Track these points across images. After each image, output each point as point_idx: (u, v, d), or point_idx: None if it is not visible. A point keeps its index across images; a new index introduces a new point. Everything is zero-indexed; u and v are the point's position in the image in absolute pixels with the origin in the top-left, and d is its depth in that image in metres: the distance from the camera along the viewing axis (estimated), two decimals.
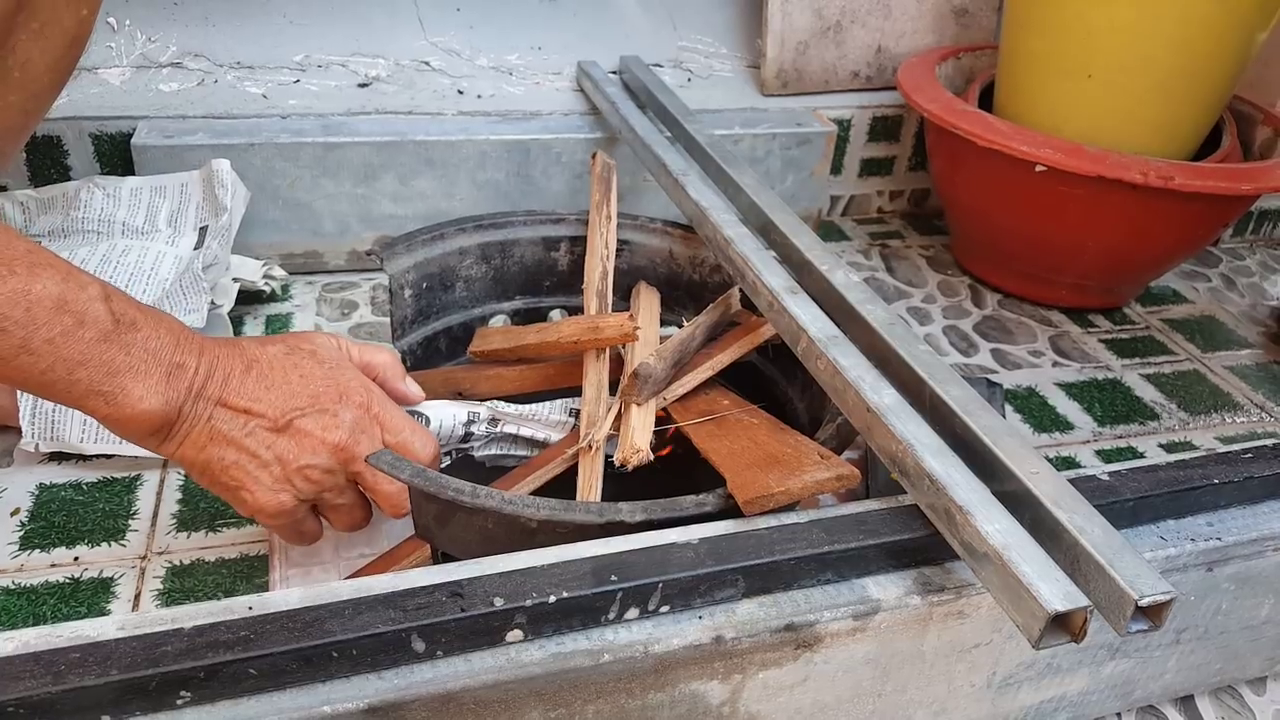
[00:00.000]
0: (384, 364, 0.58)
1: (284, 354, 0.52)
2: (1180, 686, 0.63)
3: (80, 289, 0.44)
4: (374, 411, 0.53)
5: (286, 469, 0.51)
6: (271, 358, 0.52)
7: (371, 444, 0.53)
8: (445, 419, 0.62)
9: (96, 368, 0.45)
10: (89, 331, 0.44)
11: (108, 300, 0.45)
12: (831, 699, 0.51)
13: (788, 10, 1.14)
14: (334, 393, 0.52)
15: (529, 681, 0.43)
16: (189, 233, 0.89)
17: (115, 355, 0.45)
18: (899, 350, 0.55)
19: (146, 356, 0.46)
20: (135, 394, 0.46)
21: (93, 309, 0.44)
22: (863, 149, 1.22)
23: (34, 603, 0.62)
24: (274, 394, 0.50)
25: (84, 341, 0.44)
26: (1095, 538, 0.42)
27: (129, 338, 0.46)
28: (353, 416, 0.52)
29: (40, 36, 0.64)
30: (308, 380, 0.51)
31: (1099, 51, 0.95)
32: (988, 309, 1.09)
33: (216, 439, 0.50)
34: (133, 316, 0.46)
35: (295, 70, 1.06)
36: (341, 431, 0.51)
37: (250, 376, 0.50)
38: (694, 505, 0.50)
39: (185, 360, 0.48)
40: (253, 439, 0.50)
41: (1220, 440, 0.89)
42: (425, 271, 0.76)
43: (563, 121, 1.05)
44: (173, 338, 0.48)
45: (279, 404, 0.50)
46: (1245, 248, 1.29)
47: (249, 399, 0.50)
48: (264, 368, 0.51)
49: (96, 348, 0.45)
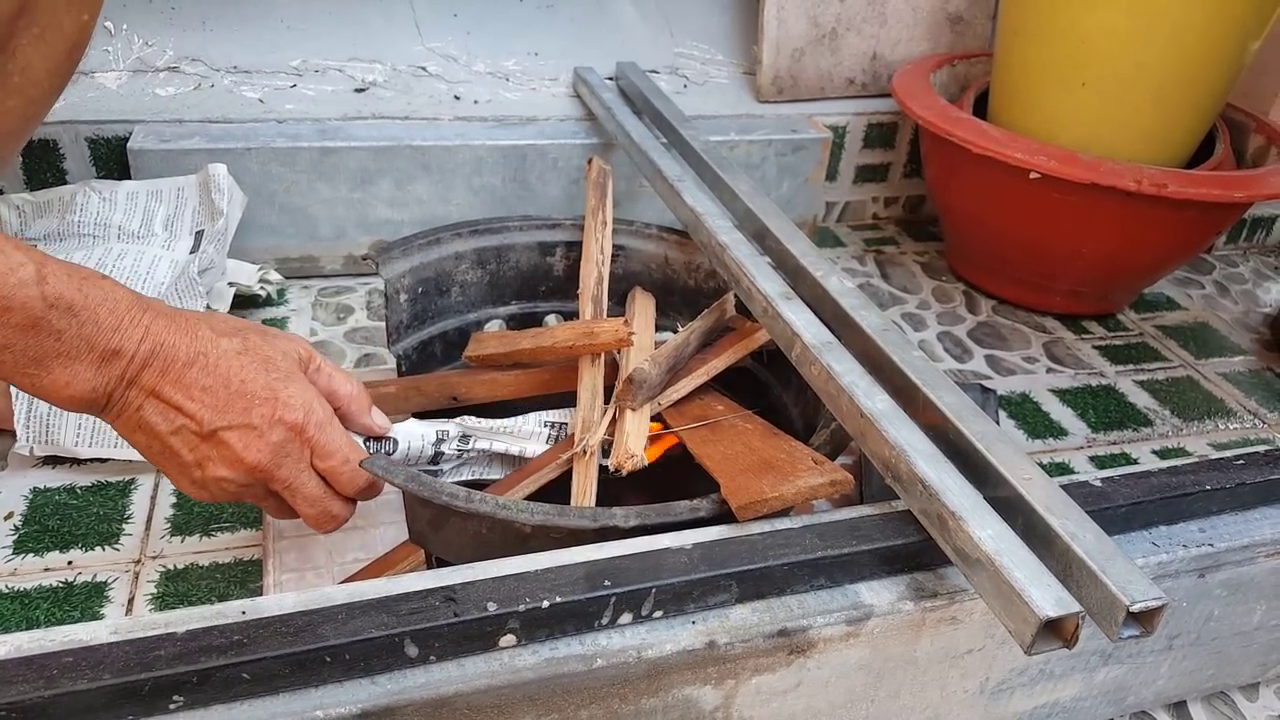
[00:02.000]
0: (348, 395, 0.56)
1: (235, 353, 0.50)
2: (1173, 692, 0.63)
3: (10, 271, 0.42)
4: (307, 435, 0.51)
5: (204, 474, 0.50)
6: (220, 354, 0.49)
7: (295, 467, 0.52)
8: (413, 440, 0.60)
9: (21, 352, 0.44)
10: (15, 317, 0.42)
11: (41, 283, 0.43)
12: (825, 705, 0.51)
13: (783, 17, 1.14)
14: (268, 408, 0.50)
15: (522, 687, 0.43)
16: (185, 237, 0.89)
17: (43, 342, 0.44)
18: (892, 356, 0.56)
19: (79, 342, 0.45)
20: (62, 379, 0.45)
21: (20, 294, 0.42)
22: (858, 155, 1.23)
23: (27, 607, 0.62)
24: (208, 397, 0.48)
25: (8, 326, 0.43)
26: (1087, 544, 0.42)
27: (62, 323, 0.44)
28: (280, 438, 0.50)
29: (41, 41, 0.64)
30: (246, 388, 0.49)
31: (1093, 59, 0.95)
32: (982, 315, 1.09)
33: (144, 427, 0.49)
34: (69, 299, 0.44)
35: (292, 75, 1.06)
36: (263, 454, 0.50)
37: (191, 371, 0.48)
38: (688, 510, 0.51)
39: (124, 345, 0.46)
40: (177, 438, 0.49)
41: (1213, 446, 0.90)
42: (421, 276, 0.76)
43: (559, 127, 1.06)
44: (114, 319, 0.46)
45: (209, 410, 0.48)
46: (1239, 255, 1.30)
47: (183, 395, 0.48)
48: (208, 364, 0.49)
49: (22, 334, 0.43)
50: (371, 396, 0.58)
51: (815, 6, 1.15)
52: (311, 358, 0.55)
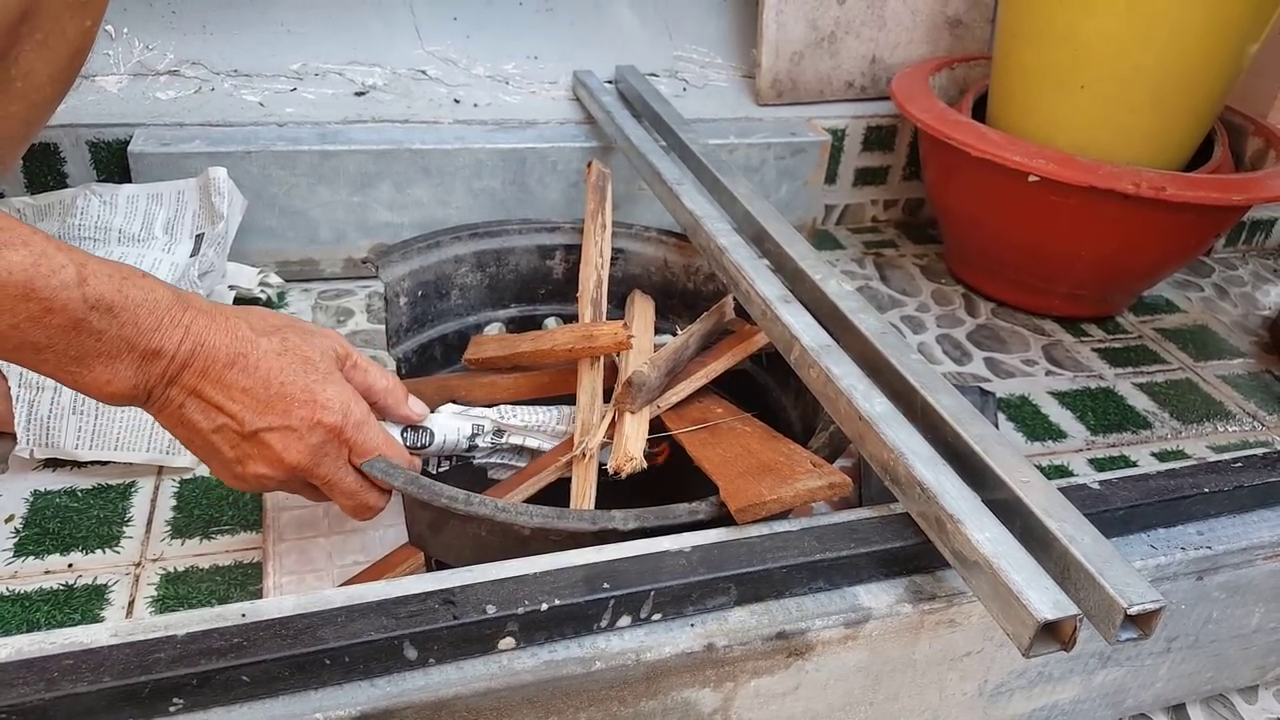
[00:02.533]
0: (384, 389, 0.57)
1: (275, 354, 0.50)
2: (1172, 695, 0.63)
3: (51, 273, 0.42)
4: (345, 435, 0.52)
5: (245, 470, 0.51)
6: (260, 355, 0.50)
7: (334, 465, 0.52)
8: (449, 433, 0.62)
9: (62, 352, 0.44)
10: (57, 318, 0.43)
11: (82, 284, 0.43)
12: (823, 707, 0.51)
13: (783, 21, 1.15)
14: (308, 410, 0.50)
15: (521, 689, 0.43)
16: (185, 240, 0.90)
17: (84, 341, 0.44)
18: (891, 359, 0.56)
19: (119, 343, 0.45)
20: (103, 377, 0.46)
21: (62, 296, 0.43)
22: (857, 158, 1.23)
23: (28, 609, 0.62)
24: (248, 398, 0.49)
25: (50, 328, 0.43)
26: (1085, 546, 0.42)
27: (103, 324, 0.44)
28: (319, 439, 0.51)
29: (43, 47, 0.64)
30: (286, 390, 0.50)
31: (1091, 63, 0.95)
32: (981, 318, 1.09)
33: (185, 424, 0.49)
34: (110, 300, 0.44)
35: (292, 78, 1.07)
36: (302, 455, 0.51)
37: (231, 371, 0.49)
38: (687, 513, 0.51)
39: (164, 345, 0.46)
40: (219, 435, 0.50)
41: (1212, 449, 0.90)
42: (421, 279, 0.76)
43: (558, 130, 1.06)
44: (154, 319, 0.46)
45: (250, 411, 0.49)
46: (1237, 257, 1.30)
47: (224, 395, 0.49)
48: (248, 364, 0.49)
49: (64, 335, 0.43)
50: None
51: (814, 10, 1.16)
52: (349, 354, 0.56)
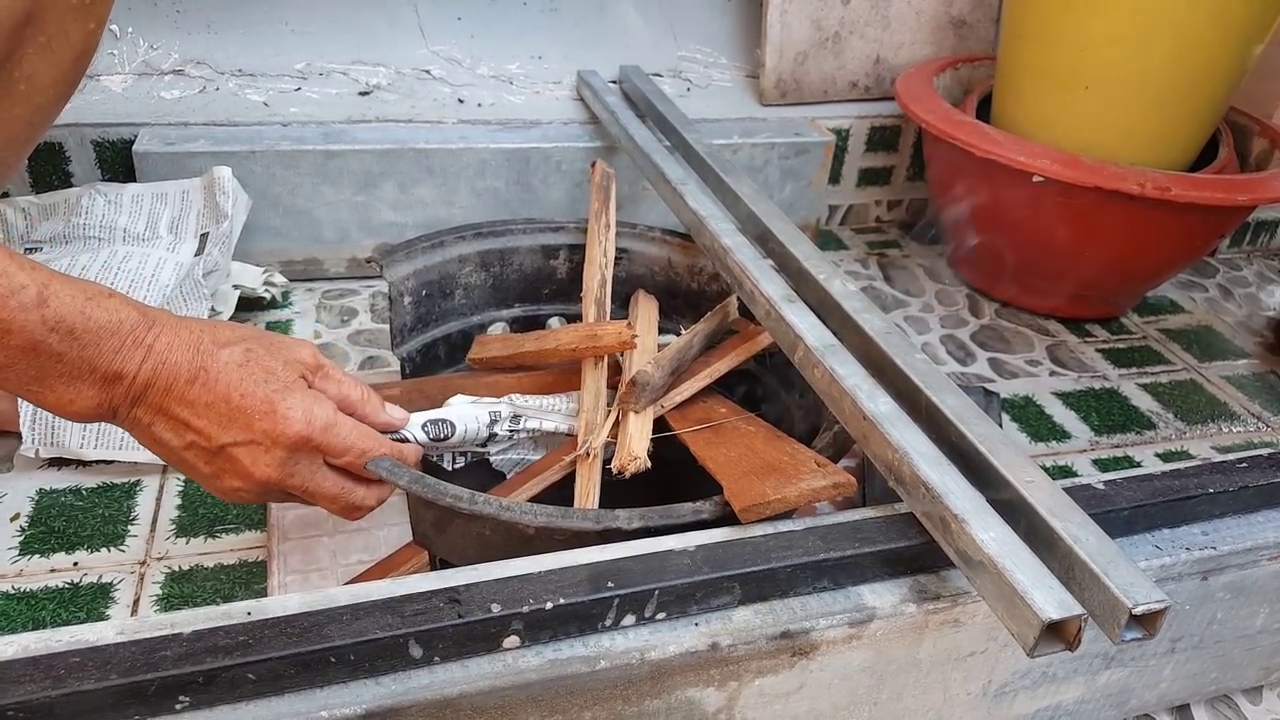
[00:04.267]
0: (360, 399, 0.56)
1: (237, 364, 0.49)
2: (1176, 695, 0.63)
3: (10, 293, 0.42)
4: (314, 443, 0.51)
5: (221, 484, 0.51)
6: (220, 368, 0.49)
7: (307, 472, 0.52)
8: (469, 423, 0.61)
9: (22, 372, 0.44)
10: (15, 339, 0.42)
11: (42, 306, 0.43)
12: (827, 707, 0.51)
13: (786, 21, 1.15)
14: (269, 423, 0.49)
15: (526, 688, 0.43)
16: (190, 239, 0.90)
17: (44, 363, 0.44)
18: (895, 359, 0.56)
19: (80, 364, 0.45)
20: (65, 397, 0.45)
21: (20, 317, 0.42)
22: (861, 159, 1.23)
23: (33, 607, 0.62)
24: (211, 413, 0.48)
25: (8, 348, 0.42)
26: (1090, 546, 0.42)
27: (62, 346, 0.44)
28: (285, 451, 0.50)
29: (47, 50, 0.64)
30: (246, 403, 0.49)
31: (1096, 63, 0.95)
32: (985, 318, 1.09)
33: (158, 441, 0.49)
34: (70, 323, 0.44)
35: (296, 78, 1.07)
36: (271, 468, 0.50)
37: (193, 388, 0.48)
38: (691, 513, 0.51)
39: (125, 367, 0.46)
40: (190, 452, 0.49)
41: (1216, 449, 0.90)
42: (425, 279, 0.76)
43: (562, 130, 1.06)
44: (116, 341, 0.45)
45: (214, 426, 0.49)
46: (1242, 258, 1.30)
47: (189, 412, 0.48)
48: (208, 379, 0.48)
49: (22, 356, 0.43)
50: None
51: (818, 10, 1.16)
52: (318, 365, 0.54)
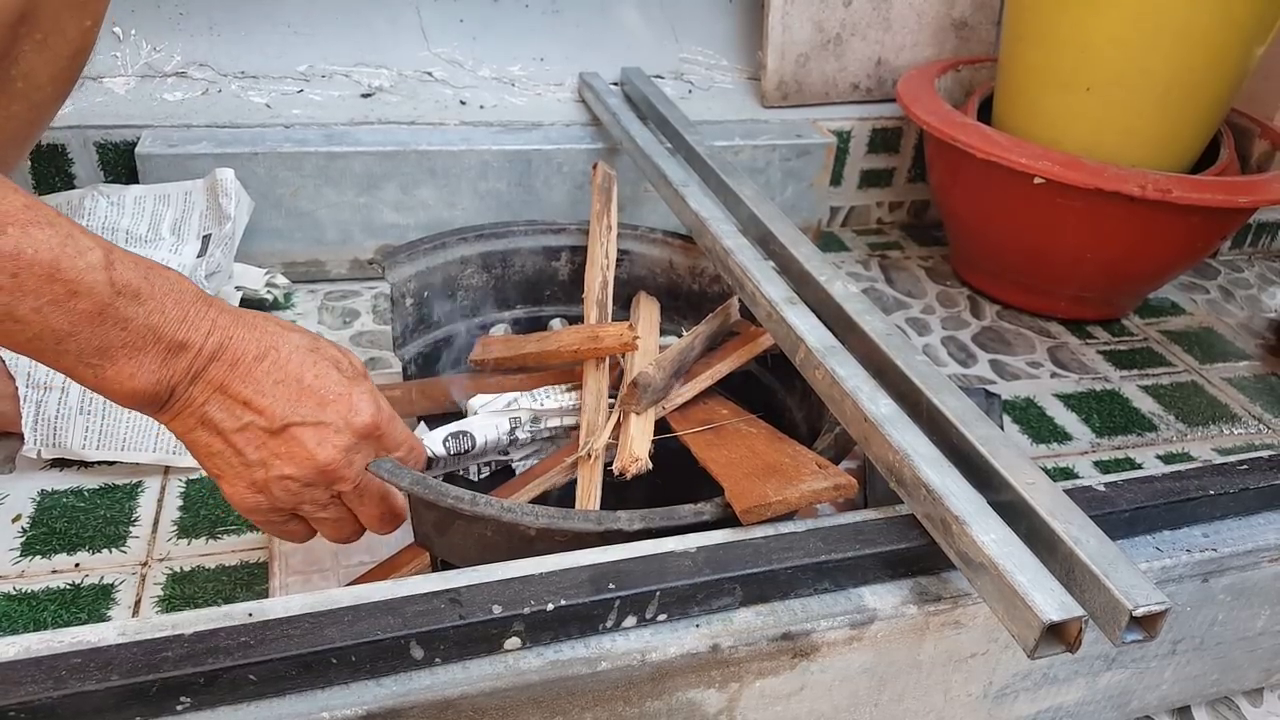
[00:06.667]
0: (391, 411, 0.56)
1: (306, 350, 0.48)
2: (1177, 697, 0.63)
3: (78, 254, 0.41)
4: (381, 431, 0.51)
5: (268, 474, 0.48)
6: (291, 349, 0.48)
7: (362, 463, 0.51)
8: (489, 432, 0.62)
9: (86, 340, 0.42)
10: (82, 303, 0.41)
11: (109, 268, 0.42)
12: (828, 708, 0.51)
13: (788, 23, 1.15)
14: (343, 406, 0.49)
15: (527, 689, 0.43)
16: (192, 241, 0.90)
17: (109, 331, 0.42)
18: (896, 361, 0.56)
19: (145, 333, 0.43)
20: (126, 371, 0.43)
21: (88, 278, 0.41)
22: (862, 160, 1.23)
23: (35, 608, 0.62)
24: (281, 390, 0.47)
25: (75, 313, 0.41)
26: (1091, 548, 0.42)
27: (129, 311, 0.42)
28: (353, 439, 0.49)
29: (43, 47, 0.64)
30: (320, 384, 0.48)
31: (1097, 65, 0.95)
32: (986, 320, 1.09)
33: (206, 424, 0.47)
34: (136, 286, 0.42)
35: (299, 80, 1.07)
36: (335, 451, 0.48)
37: (262, 364, 0.46)
38: (692, 514, 0.51)
39: (190, 337, 0.44)
40: (243, 435, 0.47)
41: (1218, 452, 0.89)
42: (427, 280, 0.76)
43: (564, 132, 1.06)
44: (180, 310, 0.44)
45: (282, 404, 0.47)
46: (1243, 260, 1.30)
47: (253, 390, 0.46)
48: (279, 358, 0.47)
49: (88, 321, 0.41)
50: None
51: (820, 12, 1.16)
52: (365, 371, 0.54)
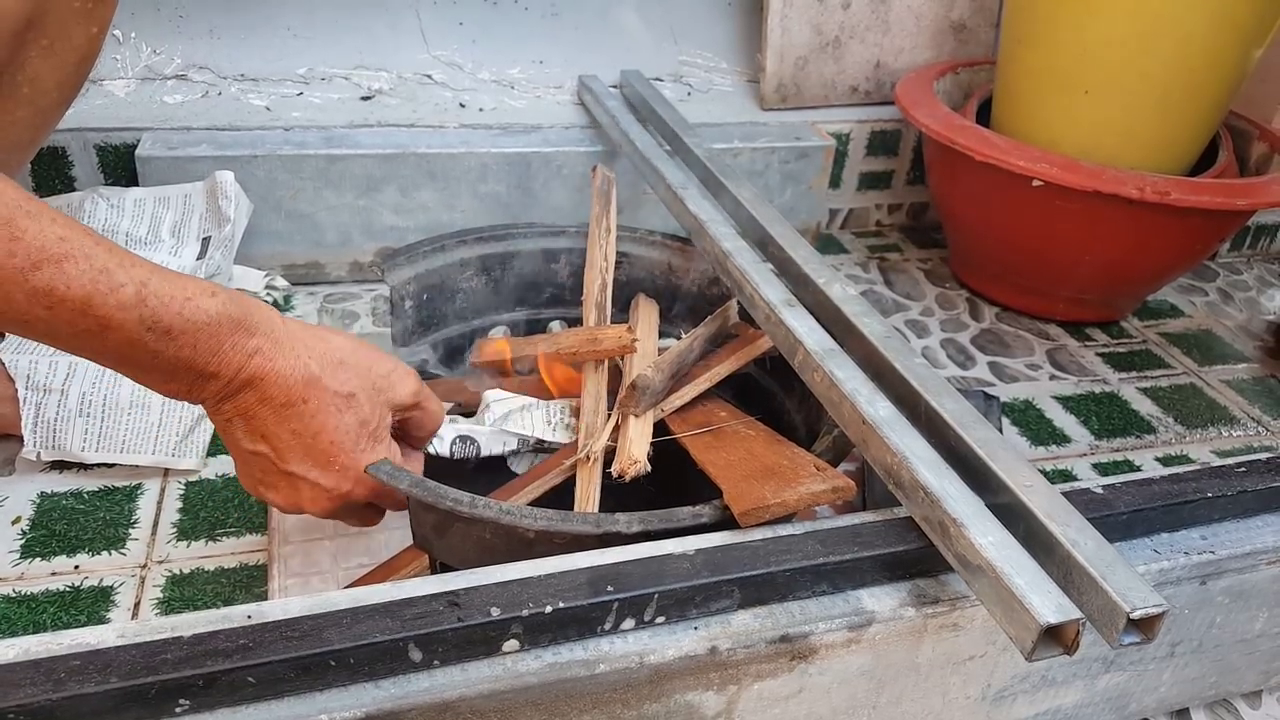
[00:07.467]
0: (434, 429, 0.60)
1: (337, 409, 0.50)
2: (1175, 699, 0.63)
3: (110, 291, 0.42)
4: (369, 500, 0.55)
5: (264, 491, 0.53)
6: (322, 406, 0.50)
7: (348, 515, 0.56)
8: (495, 447, 0.64)
9: (119, 360, 0.45)
10: (114, 335, 0.43)
11: (141, 304, 0.43)
12: (827, 711, 0.51)
13: (787, 26, 1.15)
14: (343, 478, 0.52)
15: (525, 691, 0.43)
16: (192, 243, 0.90)
17: (139, 356, 0.44)
18: (895, 363, 0.56)
19: (176, 363, 0.45)
20: (157, 385, 0.47)
21: (118, 316, 0.42)
22: (861, 163, 1.23)
23: (34, 611, 0.62)
24: (295, 441, 0.50)
25: (107, 343, 0.43)
26: (1088, 550, 0.42)
27: (158, 346, 0.44)
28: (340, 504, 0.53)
29: (50, 54, 0.64)
30: (333, 449, 0.51)
31: (1096, 67, 0.96)
32: (985, 322, 1.09)
33: (230, 435, 0.50)
34: (168, 324, 0.44)
35: (299, 83, 1.07)
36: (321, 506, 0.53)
37: (286, 412, 0.49)
38: (690, 516, 0.51)
39: (221, 370, 0.46)
40: (255, 457, 0.51)
41: (1216, 454, 0.90)
42: (426, 283, 0.76)
43: (563, 135, 1.06)
44: (214, 343, 0.46)
45: (292, 454, 0.50)
46: (1242, 262, 1.30)
47: (274, 428, 0.49)
48: (306, 410, 0.49)
49: (120, 349, 0.44)
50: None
51: (819, 15, 1.16)
52: (415, 403, 0.56)
